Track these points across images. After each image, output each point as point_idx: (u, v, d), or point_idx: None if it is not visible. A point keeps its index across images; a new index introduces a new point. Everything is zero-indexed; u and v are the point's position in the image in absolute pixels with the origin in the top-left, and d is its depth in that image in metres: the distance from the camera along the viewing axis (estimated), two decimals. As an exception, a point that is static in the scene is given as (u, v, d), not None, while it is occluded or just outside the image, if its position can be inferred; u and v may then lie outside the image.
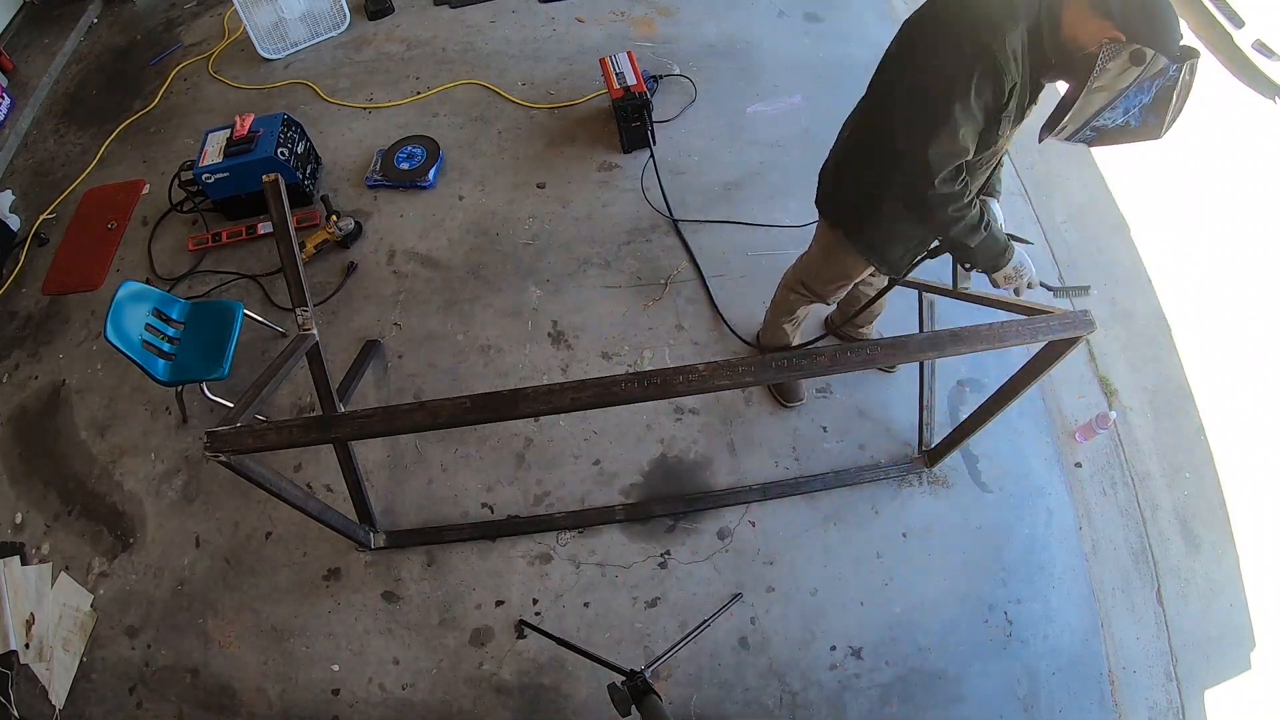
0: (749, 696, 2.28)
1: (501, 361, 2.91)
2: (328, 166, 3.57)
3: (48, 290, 3.36)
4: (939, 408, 2.64)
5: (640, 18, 3.98)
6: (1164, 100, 1.45)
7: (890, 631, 2.34)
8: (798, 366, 1.56)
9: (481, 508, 2.62)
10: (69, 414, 2.98)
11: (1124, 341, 2.98)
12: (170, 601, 2.56)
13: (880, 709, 2.25)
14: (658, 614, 2.40)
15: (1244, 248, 3.21)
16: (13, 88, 4.17)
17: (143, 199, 3.60)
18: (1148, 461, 2.73)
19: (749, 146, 3.40)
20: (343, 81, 3.91)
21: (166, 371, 2.61)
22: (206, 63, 4.13)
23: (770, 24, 3.88)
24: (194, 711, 2.39)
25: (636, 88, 3.26)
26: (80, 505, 2.78)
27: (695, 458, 2.65)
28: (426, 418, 1.52)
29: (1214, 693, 2.37)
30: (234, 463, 1.64)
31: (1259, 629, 2.46)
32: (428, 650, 2.41)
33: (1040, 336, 1.61)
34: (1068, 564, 2.44)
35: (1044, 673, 2.29)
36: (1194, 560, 2.56)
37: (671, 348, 2.87)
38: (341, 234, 3.21)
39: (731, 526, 2.52)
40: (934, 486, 2.55)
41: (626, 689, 1.74)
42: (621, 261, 3.10)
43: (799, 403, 2.69)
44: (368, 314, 3.08)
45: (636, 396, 1.50)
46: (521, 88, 3.73)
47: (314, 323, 2.18)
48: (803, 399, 2.69)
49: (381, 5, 4.19)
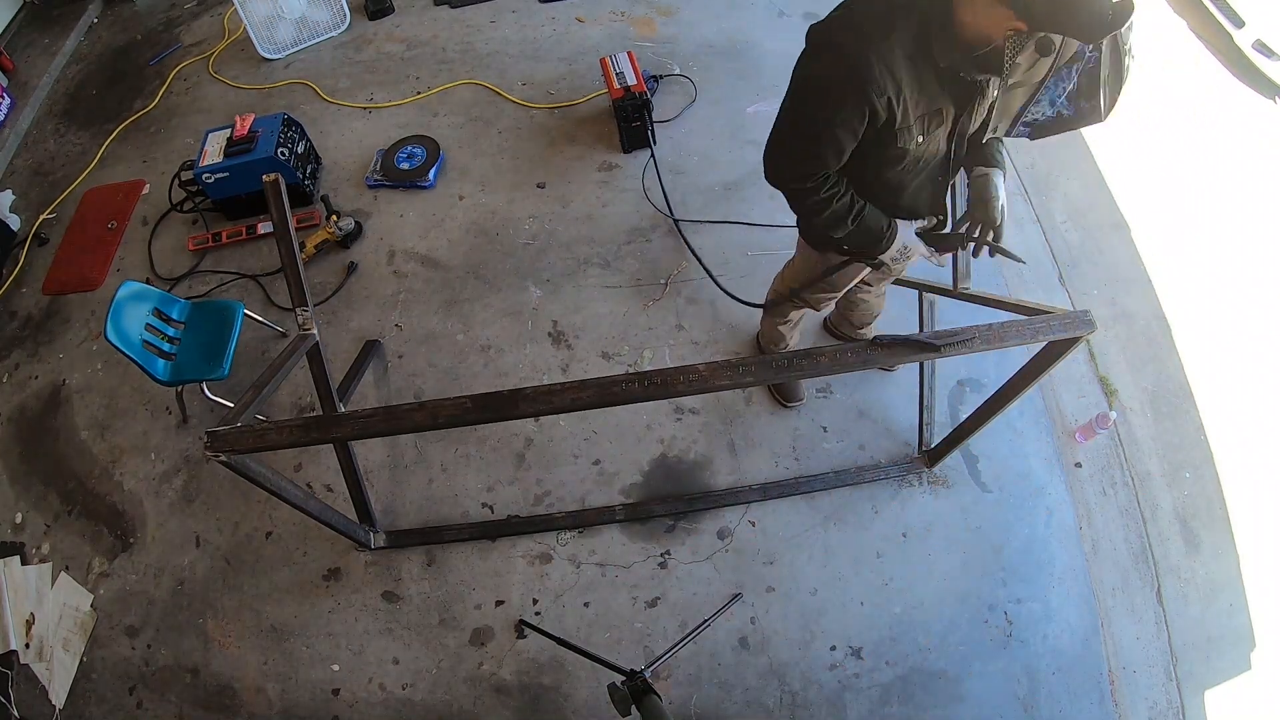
0: (749, 696, 2.28)
1: (501, 361, 2.91)
2: (328, 166, 3.57)
3: (48, 290, 3.36)
4: (939, 408, 2.64)
5: (640, 18, 3.97)
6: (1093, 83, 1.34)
7: (890, 631, 2.34)
8: (798, 366, 1.56)
9: (481, 508, 2.62)
10: (69, 414, 2.98)
11: (1124, 341, 2.98)
12: (170, 601, 2.56)
13: (880, 709, 2.25)
14: (658, 614, 2.40)
15: (1244, 248, 3.21)
16: (13, 88, 4.17)
17: (143, 199, 3.60)
18: (1148, 461, 2.73)
19: (749, 146, 3.39)
20: (343, 81, 3.91)
21: (166, 371, 2.61)
22: (206, 63, 4.13)
23: (770, 24, 3.88)
24: (194, 711, 2.40)
25: (636, 88, 3.26)
26: (80, 505, 2.78)
27: (695, 458, 2.65)
28: (426, 418, 1.52)
29: (1214, 693, 2.37)
30: (234, 463, 1.64)
31: (1259, 629, 2.45)
32: (428, 650, 2.41)
33: (1040, 337, 1.61)
34: (1068, 564, 2.44)
35: (1044, 673, 2.29)
36: (1194, 560, 2.56)
37: (671, 348, 2.87)
38: (341, 234, 3.21)
39: (731, 526, 2.52)
40: (934, 486, 2.55)
41: (626, 689, 1.74)
42: (621, 261, 3.10)
43: (799, 402, 2.69)
44: (368, 314, 3.08)
45: (636, 396, 1.50)
46: (521, 88, 3.73)
47: (314, 323, 2.18)
48: (803, 399, 2.69)
49: (381, 5, 4.19)
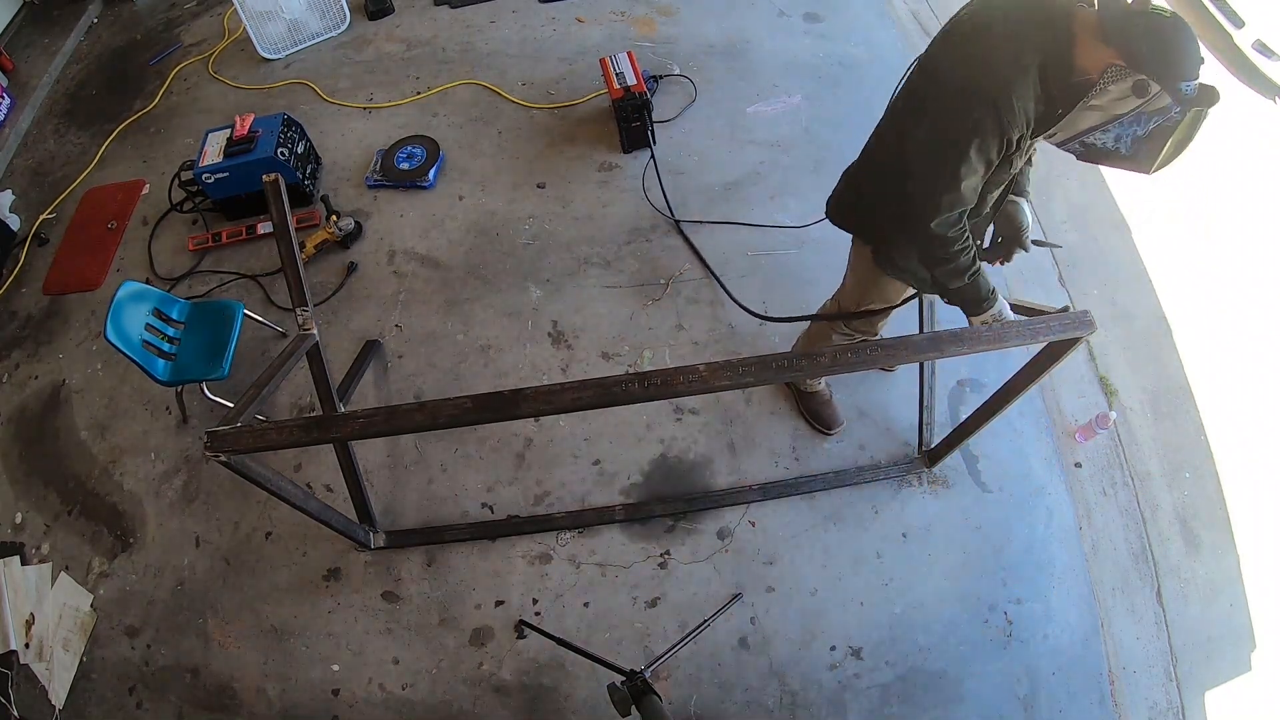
0: (749, 697, 2.28)
1: (501, 361, 2.91)
2: (328, 166, 3.57)
3: (48, 290, 3.36)
4: (939, 408, 2.64)
5: (640, 18, 3.97)
6: (1160, 139, 1.42)
7: (890, 631, 2.34)
8: (798, 366, 1.56)
9: (481, 508, 2.62)
10: (69, 414, 2.98)
11: (1124, 341, 2.98)
12: (170, 601, 2.56)
13: (880, 709, 2.25)
14: (658, 614, 2.40)
15: (1244, 248, 3.21)
16: (13, 88, 4.17)
17: (143, 199, 3.60)
18: (1148, 461, 2.73)
19: (749, 146, 3.39)
20: (343, 81, 3.91)
21: (166, 371, 2.61)
22: (206, 63, 4.12)
23: (770, 24, 3.88)
24: (194, 711, 2.40)
25: (636, 88, 3.26)
26: (80, 505, 2.78)
27: (695, 458, 2.65)
28: (426, 418, 1.52)
29: (1214, 693, 2.37)
30: (234, 463, 1.64)
31: (1259, 629, 2.46)
32: (428, 650, 2.41)
33: (1040, 337, 1.61)
34: (1068, 564, 2.44)
35: (1044, 673, 2.29)
36: (1194, 560, 2.56)
37: (671, 348, 2.87)
38: (341, 234, 3.21)
39: (731, 526, 2.51)
40: (934, 486, 2.55)
41: (626, 689, 1.74)
42: (622, 261, 3.10)
43: (841, 427, 2.62)
44: (368, 314, 3.08)
45: (637, 396, 1.50)
46: (521, 88, 3.73)
47: (314, 323, 2.18)
48: (844, 424, 2.62)
49: (381, 5, 4.19)
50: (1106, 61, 1.36)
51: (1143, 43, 1.32)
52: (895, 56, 3.55)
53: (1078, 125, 1.48)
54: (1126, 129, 1.45)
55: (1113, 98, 1.39)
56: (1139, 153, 1.47)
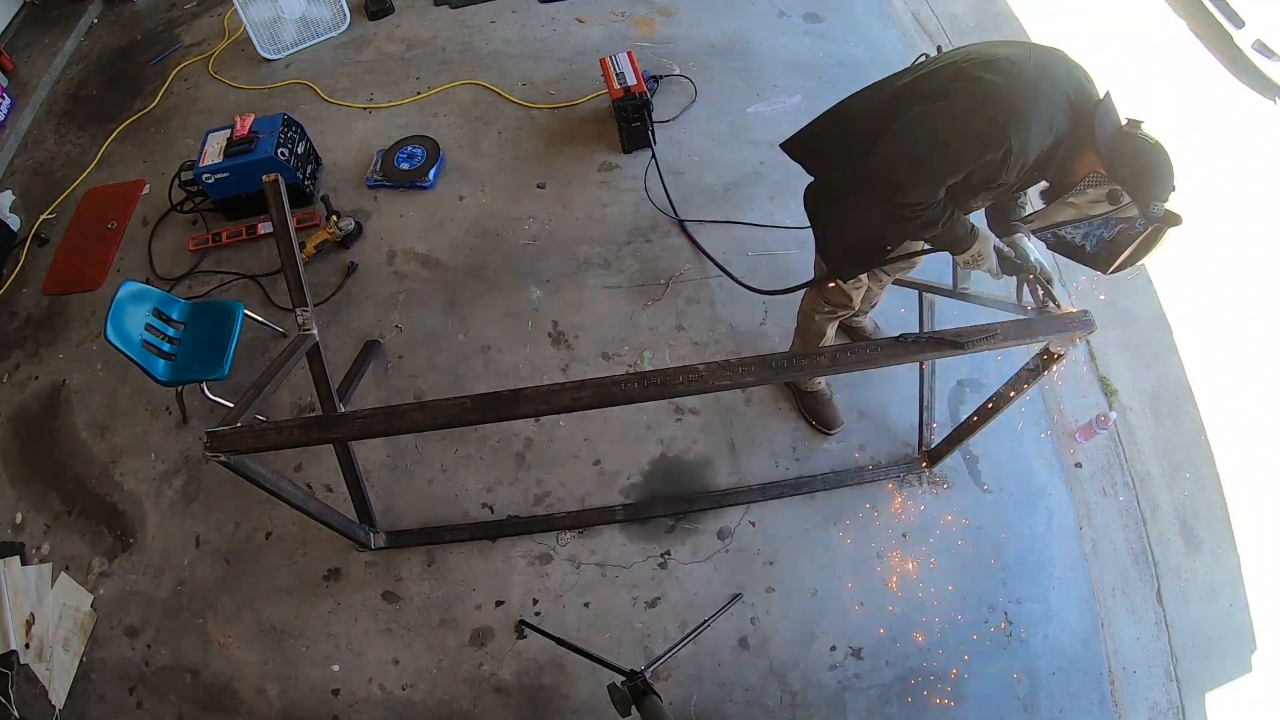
0: (749, 697, 2.28)
1: (502, 361, 2.91)
2: (328, 166, 3.57)
3: (48, 290, 3.36)
4: (939, 408, 2.64)
5: (640, 18, 3.97)
6: (1122, 244, 1.59)
7: (890, 631, 2.34)
8: (798, 366, 1.57)
9: (481, 508, 2.62)
10: (69, 414, 2.98)
11: (1124, 341, 2.98)
12: (170, 601, 2.56)
13: (880, 709, 2.25)
14: (658, 614, 2.40)
15: (1244, 248, 3.21)
16: (13, 88, 4.17)
17: (143, 199, 3.60)
18: (1148, 461, 2.73)
19: (749, 146, 3.39)
20: (343, 81, 3.91)
21: (166, 371, 2.61)
22: (206, 63, 4.12)
23: (770, 24, 3.88)
24: (194, 711, 2.40)
25: (636, 88, 3.26)
26: (80, 505, 2.78)
27: (695, 458, 2.65)
28: (426, 418, 1.52)
29: (1214, 694, 2.37)
30: (234, 463, 1.64)
31: (1259, 629, 2.46)
32: (428, 650, 2.41)
33: (1040, 337, 1.61)
34: (1068, 564, 2.44)
35: (1044, 673, 2.29)
36: (1194, 560, 2.56)
37: (672, 348, 2.87)
38: (341, 234, 3.21)
39: (731, 527, 2.51)
40: (934, 486, 2.55)
41: (626, 689, 1.75)
42: (622, 262, 3.10)
43: (841, 428, 2.63)
44: (368, 314, 3.08)
45: (637, 396, 1.50)
46: (521, 88, 3.73)
47: (314, 323, 2.18)
48: (844, 424, 2.64)
49: (381, 5, 4.19)
50: (1091, 167, 1.55)
51: (1128, 163, 1.50)
52: (895, 56, 3.55)
53: (1053, 217, 1.65)
54: (1095, 230, 1.63)
55: (1089, 200, 1.57)
56: (1101, 253, 1.65)
